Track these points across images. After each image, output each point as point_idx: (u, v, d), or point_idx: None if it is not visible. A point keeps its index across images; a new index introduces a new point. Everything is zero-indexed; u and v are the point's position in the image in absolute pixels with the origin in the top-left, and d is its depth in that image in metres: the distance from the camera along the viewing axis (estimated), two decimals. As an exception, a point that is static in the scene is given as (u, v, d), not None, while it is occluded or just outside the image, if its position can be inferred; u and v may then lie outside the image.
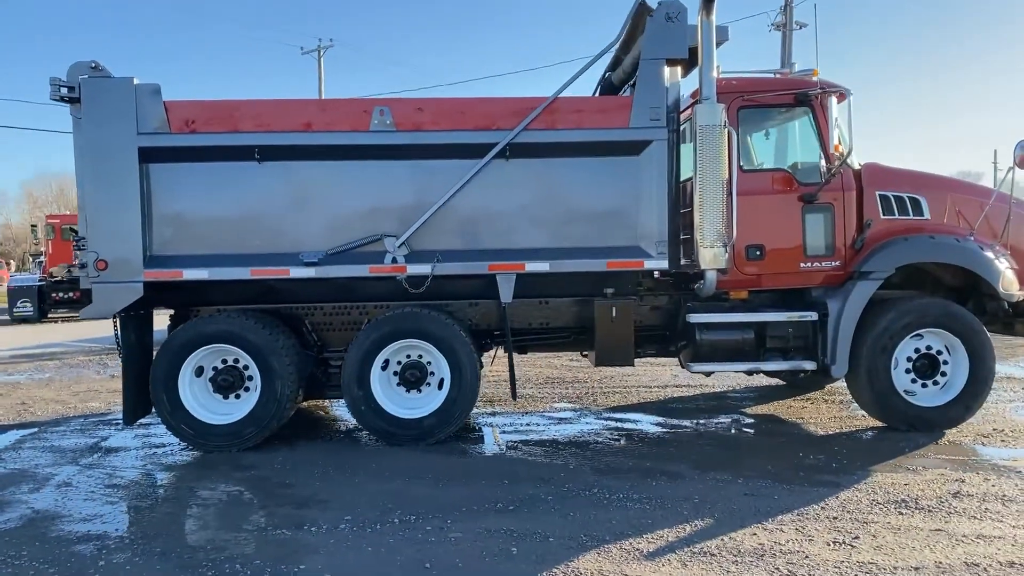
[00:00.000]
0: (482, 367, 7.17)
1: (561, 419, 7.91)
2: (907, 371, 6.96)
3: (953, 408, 6.92)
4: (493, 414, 8.22)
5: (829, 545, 4.38)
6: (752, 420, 7.67)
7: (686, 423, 7.55)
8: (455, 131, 6.72)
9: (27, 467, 6.40)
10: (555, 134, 6.77)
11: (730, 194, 6.88)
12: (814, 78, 7.22)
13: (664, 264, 6.83)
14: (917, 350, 6.96)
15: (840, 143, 6.82)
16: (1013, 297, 7.06)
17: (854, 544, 4.39)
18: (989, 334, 7.01)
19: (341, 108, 6.78)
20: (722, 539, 4.50)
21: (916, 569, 4.04)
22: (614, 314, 7.10)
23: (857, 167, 7.18)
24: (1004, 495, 5.18)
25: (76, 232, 6.73)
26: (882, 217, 7.12)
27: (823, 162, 6.80)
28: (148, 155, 6.58)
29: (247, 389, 6.85)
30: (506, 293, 6.81)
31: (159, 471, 6.28)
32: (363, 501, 5.32)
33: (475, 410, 8.22)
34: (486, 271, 6.80)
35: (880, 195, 7.14)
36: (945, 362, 6.97)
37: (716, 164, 6.72)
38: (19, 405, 9.10)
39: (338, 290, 7.21)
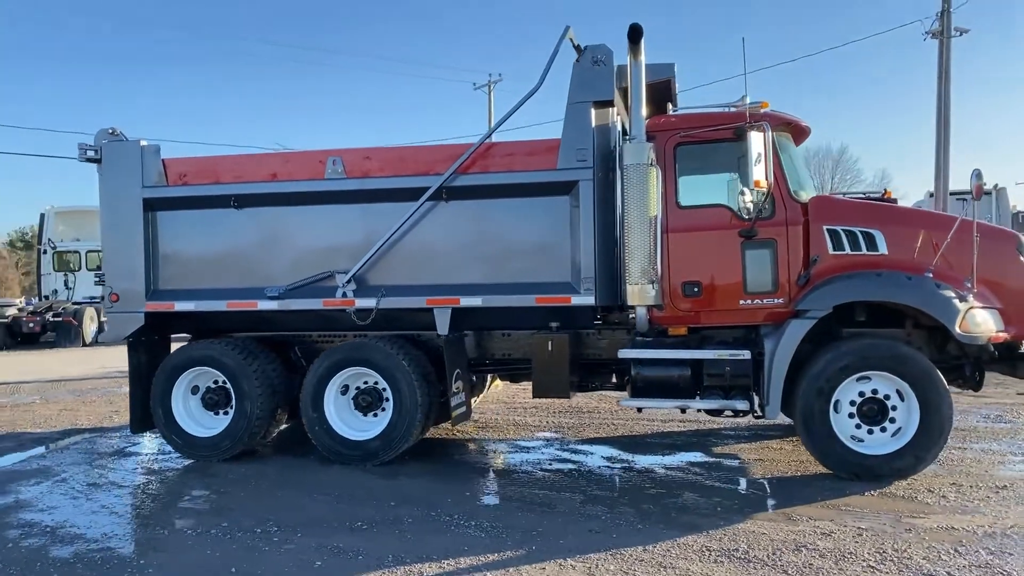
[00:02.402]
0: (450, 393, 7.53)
1: (521, 447, 8.18)
2: (851, 416, 6.57)
3: (901, 458, 6.42)
4: (470, 440, 8.63)
5: (595, 584, 4.47)
6: (703, 459, 7.49)
7: (634, 459, 7.55)
8: (397, 177, 7.33)
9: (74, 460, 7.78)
10: (487, 177, 7.18)
11: (665, 231, 6.95)
12: (762, 110, 7.07)
13: (591, 300, 6.97)
14: (862, 394, 6.55)
15: (764, 178, 6.56)
16: (976, 339, 6.44)
17: (620, 585, 4.45)
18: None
19: (300, 159, 7.63)
20: (500, 571, 4.70)
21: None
22: (550, 347, 7.31)
23: (804, 201, 6.92)
24: (847, 553, 4.88)
25: (100, 269, 8.07)
26: (831, 253, 6.79)
27: (746, 196, 6.60)
28: (150, 204, 7.78)
29: (230, 407, 7.82)
30: (442, 326, 7.26)
31: (141, 472, 7.38)
32: (258, 511, 6.02)
33: (460, 435, 8.70)
34: (424, 305, 7.30)
35: (828, 230, 6.82)
36: (894, 407, 6.50)
37: (642, 202, 6.79)
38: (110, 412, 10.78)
39: (323, 320, 7.98)
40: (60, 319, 23.00)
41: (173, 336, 8.57)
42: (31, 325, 22.90)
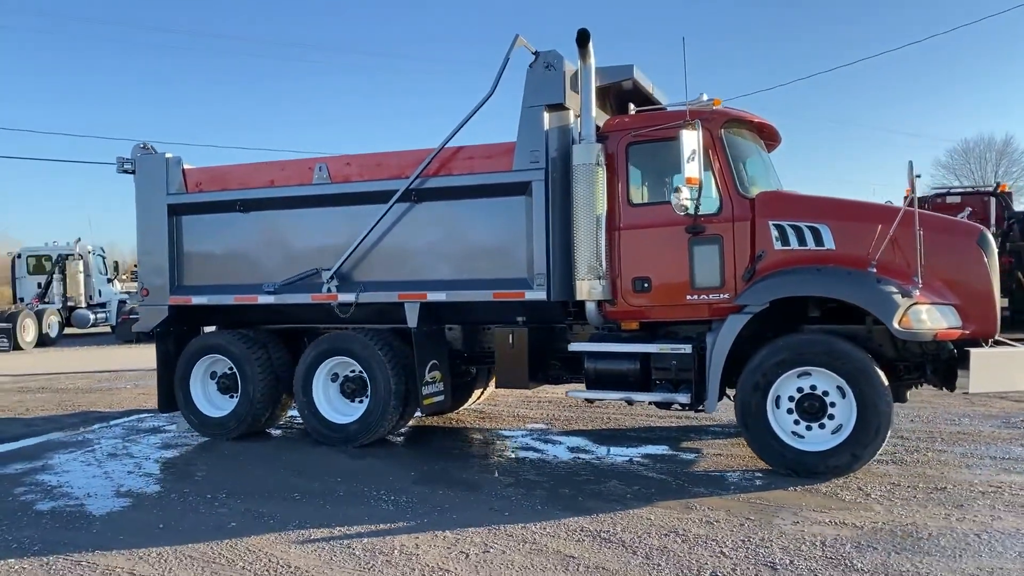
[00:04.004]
0: (433, 383, 8.01)
1: (502, 436, 8.60)
2: (789, 411, 6.54)
3: (837, 456, 6.33)
4: (464, 428, 9.10)
5: (447, 558, 4.85)
6: (663, 452, 7.59)
7: (597, 450, 7.76)
8: (373, 180, 7.93)
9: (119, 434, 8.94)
10: (451, 179, 7.65)
11: (618, 228, 7.19)
12: (713, 107, 7.15)
13: (542, 295, 7.28)
14: (800, 389, 6.51)
15: (696, 175, 6.61)
16: (918, 336, 6.25)
17: (465, 556, 4.81)
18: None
19: (293, 166, 8.38)
20: (376, 539, 5.17)
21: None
22: (511, 340, 7.69)
23: (751, 197, 6.94)
24: (711, 539, 4.99)
25: (136, 268, 9.16)
26: (777, 248, 6.79)
27: (681, 194, 6.66)
28: (173, 210, 8.77)
29: (238, 391, 8.67)
30: (412, 319, 7.78)
31: (158, 447, 8.37)
32: (222, 481, 6.79)
33: (458, 424, 9.21)
34: (396, 299, 7.85)
35: (775, 225, 6.81)
36: (833, 404, 6.42)
37: (590, 201, 7.08)
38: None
39: (324, 313, 8.63)
40: None
41: (206, 329, 9.56)
42: None
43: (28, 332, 23.56)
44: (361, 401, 8.17)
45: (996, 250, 6.67)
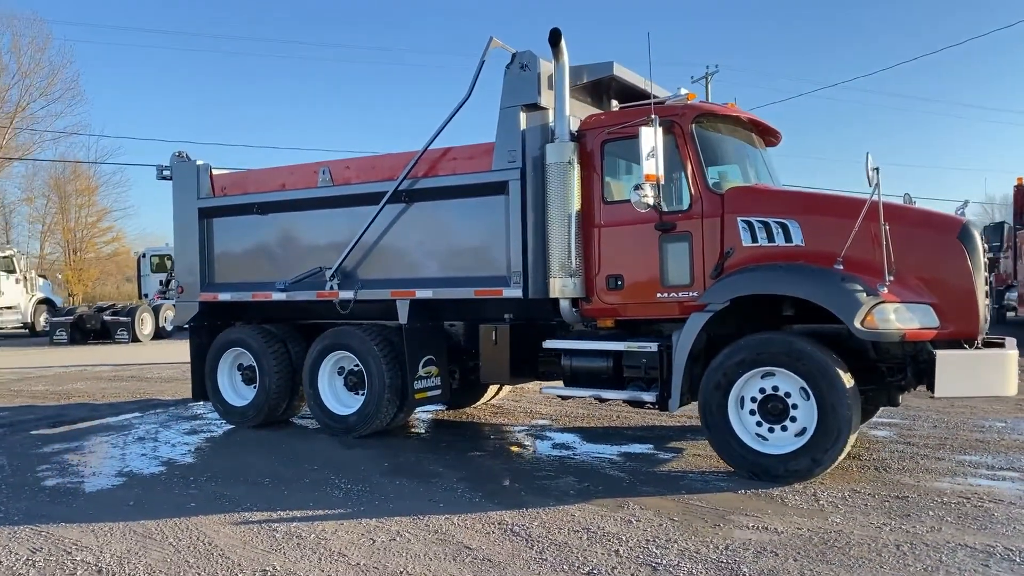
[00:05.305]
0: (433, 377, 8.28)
1: (500, 430, 8.79)
2: (752, 412, 6.36)
3: (796, 460, 6.11)
4: (471, 422, 9.32)
5: (352, 543, 5.09)
6: (641, 451, 7.52)
7: (578, 447, 7.79)
8: (369, 182, 8.27)
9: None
10: (436, 180, 7.88)
11: (593, 226, 7.22)
12: (687, 102, 7.04)
13: (518, 293, 7.40)
14: (763, 390, 6.32)
15: (655, 171, 6.49)
16: (882, 336, 5.93)
17: (372, 542, 5.03)
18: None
19: (301, 170, 8.84)
20: (304, 523, 5.47)
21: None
22: (494, 337, 7.83)
23: (721, 192, 6.78)
24: (612, 537, 4.98)
25: (172, 265, 9.91)
26: (745, 245, 6.61)
27: (641, 191, 6.55)
28: (203, 213, 9.44)
29: (256, 382, 9.24)
30: (402, 315, 8.06)
31: (186, 433, 9.06)
32: (217, 465, 7.30)
33: (469, 419, 9.45)
34: (389, 296, 8.16)
35: (743, 221, 6.64)
36: (795, 406, 6.20)
37: (562, 199, 7.15)
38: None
39: (334, 309, 9.10)
40: (119, 317, 24.92)
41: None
42: (90, 323, 25.12)
43: (146, 325, 25.62)
44: (361, 394, 8.53)
45: (981, 244, 6.21)
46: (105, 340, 24.87)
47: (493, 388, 10.03)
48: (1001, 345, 6.48)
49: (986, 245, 6.50)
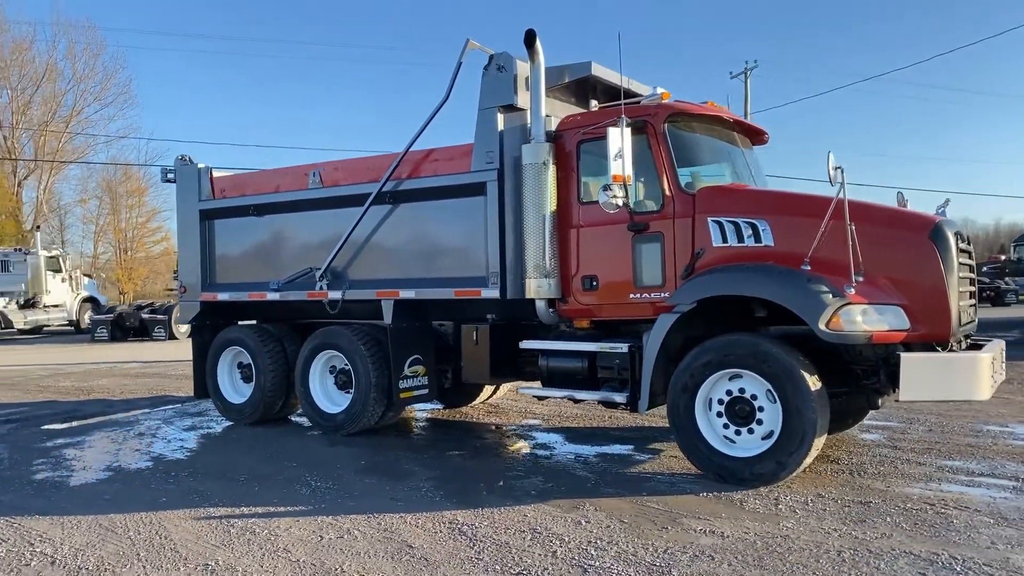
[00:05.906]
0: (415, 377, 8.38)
1: (488, 430, 8.84)
2: (719, 415, 6.29)
3: (761, 463, 6.03)
4: (464, 421, 9.38)
5: (300, 540, 5.19)
6: (622, 452, 7.48)
7: (558, 447, 7.80)
8: (355, 184, 8.38)
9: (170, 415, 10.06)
10: (419, 181, 7.96)
11: (569, 227, 7.22)
12: (663, 101, 7.00)
13: (496, 293, 7.43)
14: (730, 392, 6.25)
15: (623, 172, 6.45)
16: (847, 338, 5.81)
17: (319, 539, 5.12)
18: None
19: (294, 172, 9.00)
20: (262, 520, 5.59)
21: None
22: (475, 337, 7.88)
23: (693, 192, 6.71)
24: (559, 538, 4.98)
25: (177, 267, 10.19)
26: (716, 245, 6.55)
27: (609, 191, 6.50)
28: (204, 214, 9.68)
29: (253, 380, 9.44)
30: (387, 315, 8.16)
31: (185, 430, 9.31)
32: (203, 462, 7.50)
33: (468, 418, 9.52)
34: (375, 296, 8.26)
35: (714, 221, 6.57)
36: (761, 408, 6.12)
37: (537, 200, 7.16)
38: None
39: (341, 311, 9.27)
40: (157, 315, 25.73)
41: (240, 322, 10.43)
42: (129, 321, 26.04)
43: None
44: (350, 392, 8.66)
45: (955, 244, 6.04)
46: (144, 337, 25.64)
47: (490, 387, 10.08)
48: (980, 348, 6.30)
49: (964, 245, 6.33)
